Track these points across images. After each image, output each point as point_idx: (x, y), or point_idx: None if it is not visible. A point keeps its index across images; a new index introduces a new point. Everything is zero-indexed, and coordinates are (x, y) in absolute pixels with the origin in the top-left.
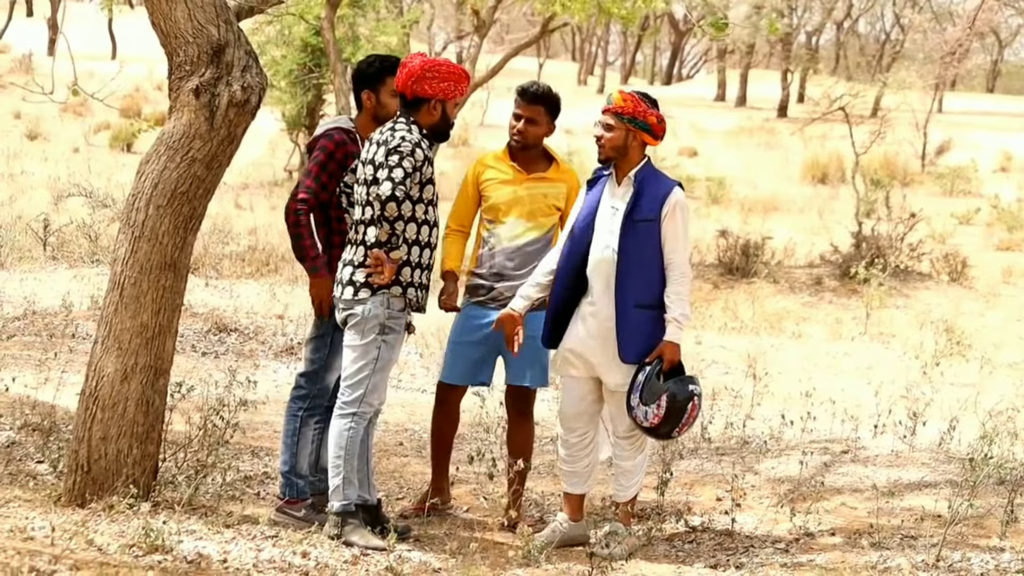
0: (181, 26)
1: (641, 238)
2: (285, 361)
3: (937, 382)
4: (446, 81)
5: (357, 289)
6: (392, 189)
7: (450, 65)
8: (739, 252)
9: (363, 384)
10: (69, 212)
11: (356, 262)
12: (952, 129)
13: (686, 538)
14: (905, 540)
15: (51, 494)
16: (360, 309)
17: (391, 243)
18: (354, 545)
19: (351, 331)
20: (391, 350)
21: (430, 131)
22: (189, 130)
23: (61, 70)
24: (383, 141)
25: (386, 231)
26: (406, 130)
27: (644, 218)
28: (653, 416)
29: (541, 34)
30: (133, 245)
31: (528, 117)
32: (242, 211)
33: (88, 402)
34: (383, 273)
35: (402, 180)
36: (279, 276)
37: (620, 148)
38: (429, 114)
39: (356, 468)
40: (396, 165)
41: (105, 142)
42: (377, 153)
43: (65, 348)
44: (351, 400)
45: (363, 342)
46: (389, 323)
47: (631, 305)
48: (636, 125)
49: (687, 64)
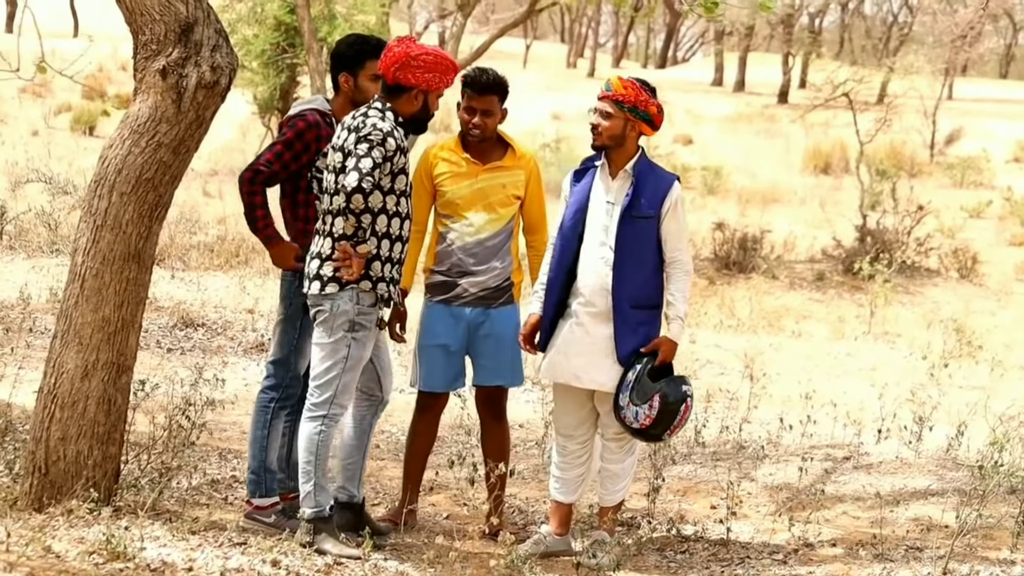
0: (147, 2)
1: (639, 235)
2: (255, 358)
3: (945, 384)
4: (432, 72)
5: (324, 284)
6: (359, 180)
7: (438, 55)
8: (736, 246)
9: (332, 384)
10: (27, 199)
11: (324, 255)
12: (963, 117)
13: (679, 548)
14: (910, 552)
15: (6, 497)
16: (328, 305)
17: (358, 236)
18: (327, 554)
19: (319, 328)
20: (361, 348)
21: (407, 121)
22: (155, 113)
23: (16, 45)
24: (354, 127)
25: (352, 224)
26: (379, 116)
27: (643, 215)
28: (644, 417)
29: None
30: (95, 234)
31: (483, 109)
32: (211, 199)
33: (46, 400)
34: (351, 268)
35: (370, 171)
36: (249, 268)
37: (618, 138)
38: (409, 103)
39: (326, 471)
40: (365, 155)
41: (66, 125)
42: (348, 140)
43: (22, 343)
44: (320, 402)
45: (332, 340)
46: (359, 319)
47: (628, 305)
48: (636, 115)
49: (683, 46)
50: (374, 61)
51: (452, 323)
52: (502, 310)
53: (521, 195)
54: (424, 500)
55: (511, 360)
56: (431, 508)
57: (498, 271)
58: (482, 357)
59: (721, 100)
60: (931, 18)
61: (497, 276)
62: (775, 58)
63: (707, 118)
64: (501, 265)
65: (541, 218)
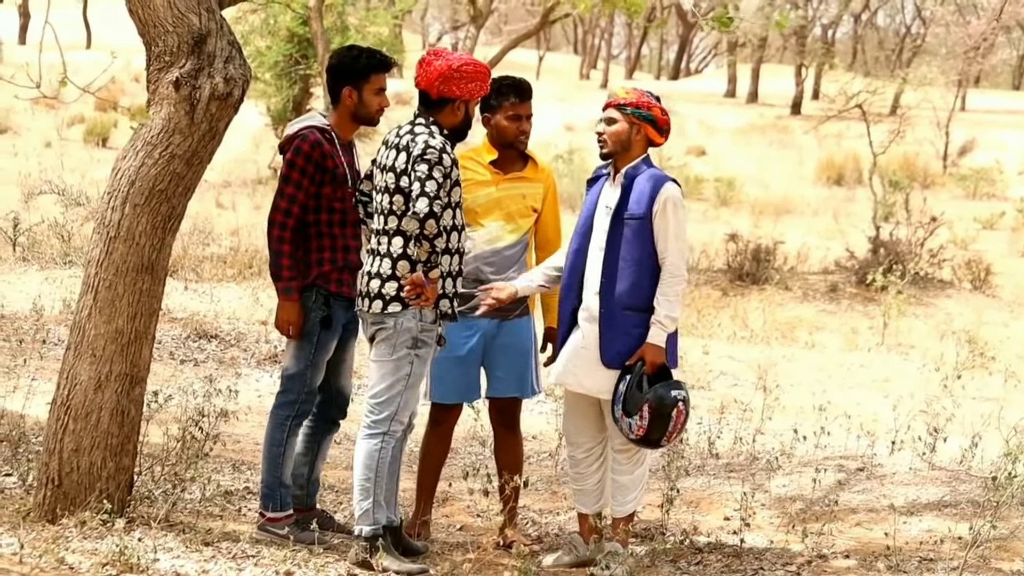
0: (160, 14)
1: (629, 237)
2: (268, 369)
3: (959, 396)
4: (474, 81)
5: (387, 303)
6: (429, 204)
7: (477, 64)
8: (749, 257)
9: (394, 402)
10: (40, 210)
11: (385, 275)
12: (976, 128)
13: (692, 559)
14: (924, 563)
15: (20, 509)
16: (391, 323)
17: (431, 261)
18: (389, 571)
19: (381, 345)
20: (423, 365)
21: (451, 132)
22: (168, 125)
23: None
24: (403, 146)
25: (426, 249)
26: (428, 134)
27: (632, 216)
28: (638, 428)
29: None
30: (108, 246)
31: (528, 115)
32: (224, 211)
33: (60, 412)
34: (426, 297)
35: (436, 193)
36: (262, 279)
37: (624, 142)
38: (452, 115)
39: (385, 490)
40: (427, 177)
41: (79, 136)
42: (397, 159)
43: (35, 354)
44: (381, 419)
45: (394, 357)
46: (422, 336)
47: (619, 308)
48: (640, 117)
49: (696, 58)
50: (379, 75)
51: (467, 335)
52: (517, 321)
53: (539, 208)
54: (438, 511)
55: (525, 371)
56: (445, 519)
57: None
58: (496, 368)
59: (734, 111)
60: (944, 29)
61: None
62: (788, 69)
63: (720, 129)
64: (517, 276)
65: (556, 233)
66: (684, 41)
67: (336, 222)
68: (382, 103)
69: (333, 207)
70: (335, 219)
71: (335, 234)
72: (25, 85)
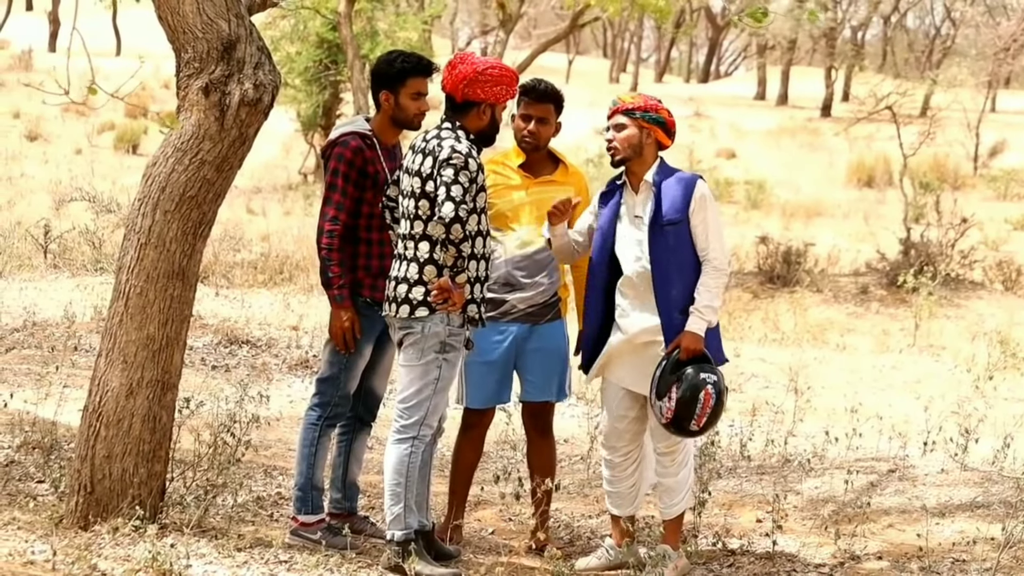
0: (190, 20)
1: (672, 242)
2: (300, 375)
3: (990, 397)
4: (500, 85)
5: (414, 307)
6: (455, 209)
7: (502, 67)
8: (780, 259)
9: (423, 406)
10: (71, 217)
11: (412, 279)
12: (1006, 129)
13: (724, 561)
14: (956, 564)
15: (52, 516)
16: (419, 327)
17: (457, 266)
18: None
19: (409, 350)
20: (452, 369)
21: (477, 136)
22: (198, 131)
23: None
24: (429, 151)
25: (452, 254)
26: (454, 139)
27: (671, 221)
28: (667, 410)
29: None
30: (139, 252)
31: (539, 116)
32: (254, 216)
33: (91, 419)
34: (453, 302)
35: (462, 197)
36: (293, 285)
37: (636, 146)
38: (478, 118)
39: (416, 494)
40: (452, 181)
41: (109, 143)
42: (424, 164)
43: (67, 361)
44: (411, 424)
45: (422, 362)
46: (450, 340)
47: (675, 312)
48: (649, 120)
49: (725, 61)
50: (416, 79)
51: (499, 339)
52: (549, 325)
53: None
54: (470, 515)
55: (558, 375)
56: (477, 523)
57: (545, 287)
58: (529, 372)
59: (764, 114)
60: (974, 31)
61: (544, 292)
62: (818, 71)
63: (750, 132)
64: (548, 281)
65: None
66: (713, 44)
67: (375, 227)
68: (420, 107)
69: (373, 212)
70: (374, 224)
71: (372, 239)
72: (53, 92)
